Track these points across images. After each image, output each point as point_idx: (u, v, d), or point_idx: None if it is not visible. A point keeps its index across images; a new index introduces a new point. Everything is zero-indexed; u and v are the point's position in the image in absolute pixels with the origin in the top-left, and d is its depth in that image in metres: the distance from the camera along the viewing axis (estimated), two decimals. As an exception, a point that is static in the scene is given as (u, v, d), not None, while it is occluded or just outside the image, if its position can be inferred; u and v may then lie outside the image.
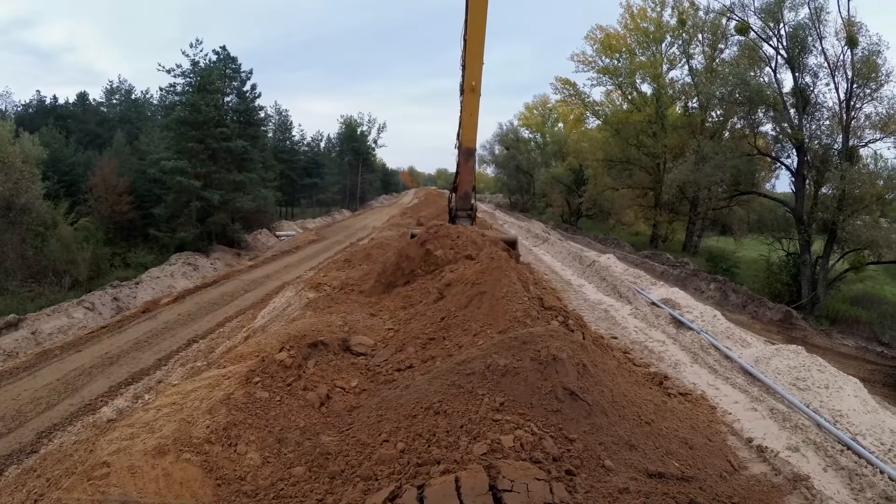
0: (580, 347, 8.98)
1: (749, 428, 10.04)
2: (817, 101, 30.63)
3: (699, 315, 16.55)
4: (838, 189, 28.02)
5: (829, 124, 30.30)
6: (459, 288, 12.99)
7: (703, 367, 13.02)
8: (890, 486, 8.61)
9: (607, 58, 47.44)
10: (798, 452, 9.32)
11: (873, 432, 10.47)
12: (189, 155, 42.94)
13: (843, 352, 22.97)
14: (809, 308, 28.10)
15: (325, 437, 7.59)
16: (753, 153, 32.12)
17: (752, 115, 32.41)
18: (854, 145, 29.46)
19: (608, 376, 9.02)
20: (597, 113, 50.78)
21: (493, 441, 6.77)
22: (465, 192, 14.19)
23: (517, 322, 10.47)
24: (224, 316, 23.33)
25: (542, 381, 7.86)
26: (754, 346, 14.46)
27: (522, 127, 78.90)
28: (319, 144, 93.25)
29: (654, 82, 46.54)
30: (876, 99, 28.84)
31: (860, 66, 28.39)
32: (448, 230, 15.71)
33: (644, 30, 46.61)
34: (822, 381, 11.96)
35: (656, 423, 8.59)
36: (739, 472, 8.57)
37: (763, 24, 31.42)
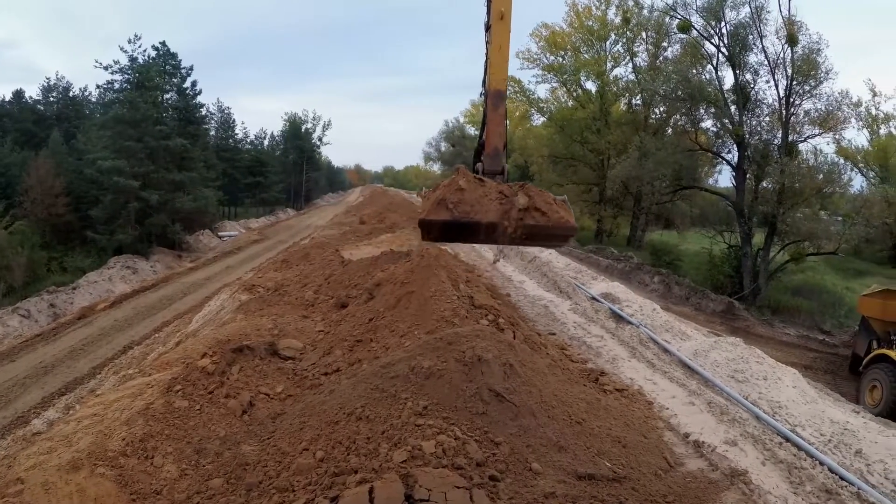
0: (508, 347, 8.69)
1: (686, 423, 9.77)
2: (758, 97, 31.18)
3: (638, 309, 16.35)
4: (778, 183, 28.50)
5: (769, 120, 30.97)
6: (389, 288, 12.64)
7: (640, 362, 12.76)
8: (830, 478, 8.42)
9: (552, 55, 47.43)
10: (736, 446, 9.09)
11: (813, 423, 10.32)
12: (127, 154, 41.56)
13: (785, 340, 23.18)
14: (751, 299, 28.44)
15: (245, 447, 7.35)
16: (695, 149, 32.56)
17: (694, 112, 32.86)
18: (793, 141, 30.05)
19: (538, 376, 8.72)
20: (542, 110, 50.88)
21: (414, 447, 6.56)
22: (495, 147, 10.96)
23: (445, 322, 10.20)
24: (162, 321, 22.61)
25: (467, 383, 7.59)
26: (694, 339, 14.26)
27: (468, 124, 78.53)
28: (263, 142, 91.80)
29: (598, 80, 46.71)
30: (815, 96, 29.48)
31: (800, 64, 28.94)
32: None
33: (589, 28, 46.75)
34: (761, 372, 11.79)
35: (588, 422, 8.32)
36: (675, 468, 8.32)
37: (705, 23, 31.78)
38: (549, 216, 10.29)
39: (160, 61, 48.22)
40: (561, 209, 10.48)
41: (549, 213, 10.33)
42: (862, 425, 10.68)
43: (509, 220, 9.76)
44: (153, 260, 39.96)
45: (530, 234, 10.45)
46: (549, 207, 10.39)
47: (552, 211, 10.37)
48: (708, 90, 31.33)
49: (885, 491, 8.39)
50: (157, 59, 47.95)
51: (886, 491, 8.40)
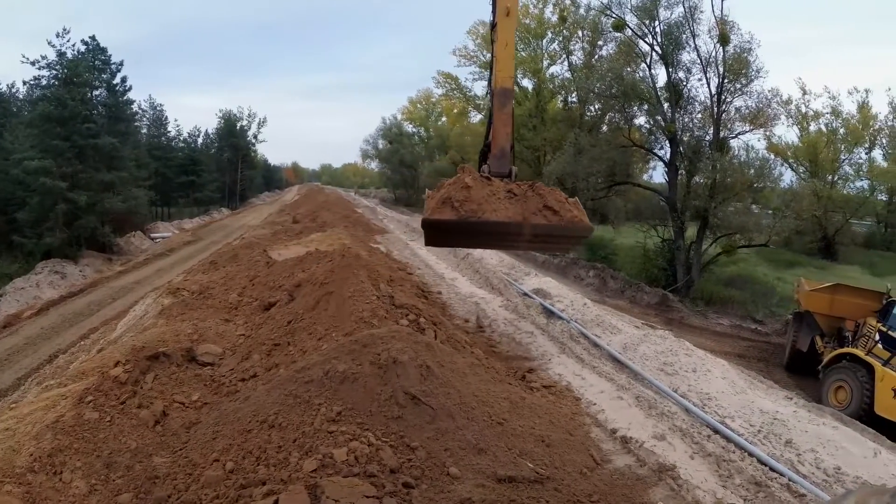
0: (425, 348, 8.40)
1: (614, 418, 9.52)
2: (690, 95, 31.39)
3: (569, 304, 16.14)
4: (709, 178, 28.90)
5: (701, 117, 31.28)
6: (309, 289, 12.24)
7: (570, 357, 12.48)
8: (759, 470, 8.26)
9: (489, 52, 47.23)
10: (664, 441, 8.87)
11: (742, 414, 10.21)
12: (54, 154, 39.42)
13: (718, 331, 23.44)
14: (685, 291, 28.70)
15: (157, 459, 7.01)
16: (628, 145, 32.69)
17: (628, 109, 33.06)
18: (724, 137, 30.40)
19: (457, 376, 8.42)
20: (479, 107, 50.67)
21: (326, 455, 6.34)
22: (502, 148, 10.43)
23: (364, 323, 9.89)
24: (89, 327, 21.44)
25: (382, 387, 7.37)
26: (624, 333, 14.07)
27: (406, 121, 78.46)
28: (197, 141, 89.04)
29: (534, 77, 46.80)
30: (745, 93, 29.87)
31: (731, 63, 29.25)
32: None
33: (526, 26, 46.68)
34: (690, 364, 11.64)
35: (510, 423, 8.07)
36: (602, 466, 8.09)
37: (639, 22, 31.94)
38: (562, 215, 9.71)
39: (89, 56, 46.21)
40: (574, 208, 9.91)
41: (562, 212, 9.75)
42: (792, 414, 10.61)
43: (521, 219, 9.38)
44: (82, 264, 38.20)
45: (543, 234, 9.95)
46: (561, 206, 9.80)
47: (565, 210, 9.80)
48: (641, 88, 31.55)
49: (817, 480, 8.29)
50: (86, 54, 45.93)
51: (818, 480, 8.30)
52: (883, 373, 14.16)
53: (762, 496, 7.71)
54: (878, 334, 15.44)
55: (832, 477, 8.44)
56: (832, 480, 8.36)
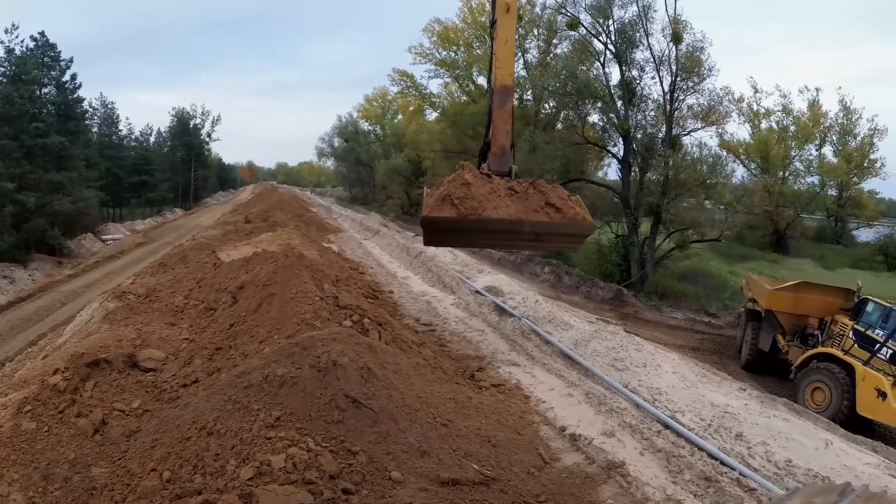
0: (367, 349, 8.20)
1: (563, 415, 9.33)
2: (643, 93, 31.64)
3: (521, 301, 15.98)
4: (662, 175, 29.11)
5: (654, 115, 31.53)
6: (251, 290, 11.85)
7: (520, 355, 12.29)
8: (709, 465, 8.13)
9: (445, 50, 47.24)
10: (614, 437, 8.70)
11: (693, 408, 10.12)
12: (1, 154, 38.15)
13: (672, 324, 23.63)
14: (639, 286, 28.85)
15: (96, 470, 6.76)
16: (582, 143, 32.74)
17: (581, 107, 33.16)
18: (677, 134, 30.72)
19: (400, 378, 8.23)
20: (434, 105, 50.54)
21: (263, 463, 6.17)
22: (502, 146, 10.48)
23: (306, 325, 9.67)
24: (37, 333, 20.58)
25: (322, 390, 7.21)
26: (576, 329, 13.95)
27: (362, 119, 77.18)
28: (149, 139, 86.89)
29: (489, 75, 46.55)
30: (698, 91, 30.24)
31: (684, 61, 29.55)
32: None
33: (482, 24, 46.59)
34: (640, 359, 11.55)
35: (455, 423, 7.92)
36: (551, 465, 7.91)
37: (594, 21, 32.02)
38: (564, 213, 9.55)
39: (38, 53, 44.74)
40: (576, 206, 9.72)
41: (564, 210, 9.58)
42: (743, 407, 10.58)
43: (522, 217, 9.32)
44: (32, 268, 36.87)
45: (545, 232, 9.72)
46: (563, 204, 9.65)
47: (567, 207, 9.63)
48: (595, 86, 31.63)
49: (768, 474, 8.21)
50: (35, 50, 44.46)
51: (769, 474, 8.22)
52: (864, 372, 14.04)
53: (712, 491, 7.58)
54: (853, 333, 15.33)
55: (783, 470, 8.37)
56: (783, 473, 8.28)
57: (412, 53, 47.02)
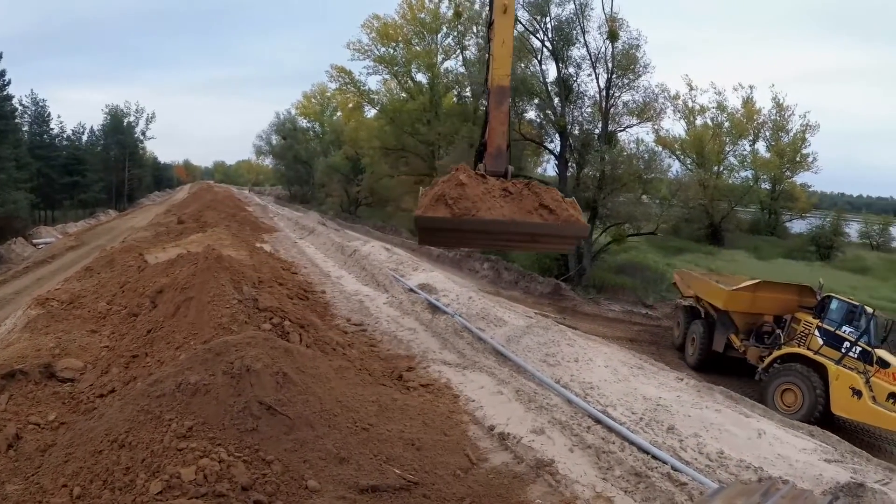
0: (283, 353, 7.86)
1: (493, 414, 9.12)
2: (580, 90, 32.02)
3: (455, 298, 15.74)
4: (598, 170, 29.46)
5: (591, 111, 31.93)
6: (170, 294, 11.39)
7: (452, 353, 12.02)
8: (639, 460, 8.00)
9: (384, 47, 47.06)
10: (543, 435, 8.52)
11: (624, 402, 10.04)
12: (-72, 156, 36.49)
13: (610, 317, 23.74)
14: (577, 279, 29.07)
15: (9, 487, 6.49)
16: (519, 139, 32.63)
17: (518, 104, 33.15)
18: (613, 130, 31.19)
19: (319, 382, 7.93)
20: (373, 101, 50.44)
21: (173, 476, 5.94)
22: (499, 146, 10.32)
23: (223, 329, 9.33)
24: None
25: (236, 398, 6.93)
26: (509, 325, 13.75)
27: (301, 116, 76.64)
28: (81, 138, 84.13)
29: (429, 72, 46.67)
30: (633, 88, 30.73)
31: (620, 59, 30.01)
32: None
33: (421, 20, 46.75)
34: (572, 354, 11.42)
35: (377, 427, 7.67)
36: (478, 466, 7.71)
37: (531, 18, 32.09)
38: (558, 214, 9.46)
39: (-35, 50, 42.90)
40: (570, 207, 9.60)
41: (557, 211, 9.48)
42: (675, 399, 10.55)
43: (516, 218, 9.30)
44: (-41, 276, 35.20)
45: (539, 234, 9.61)
46: (557, 205, 9.56)
47: (561, 209, 9.54)
48: (532, 83, 31.71)
49: (700, 466, 8.14)
50: (-38, 47, 42.60)
51: (701, 466, 8.15)
52: (837, 372, 13.96)
53: (643, 487, 7.45)
54: (819, 331, 15.18)
55: (715, 462, 8.32)
56: (715, 465, 8.23)
57: (351, 49, 46.70)
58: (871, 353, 14.12)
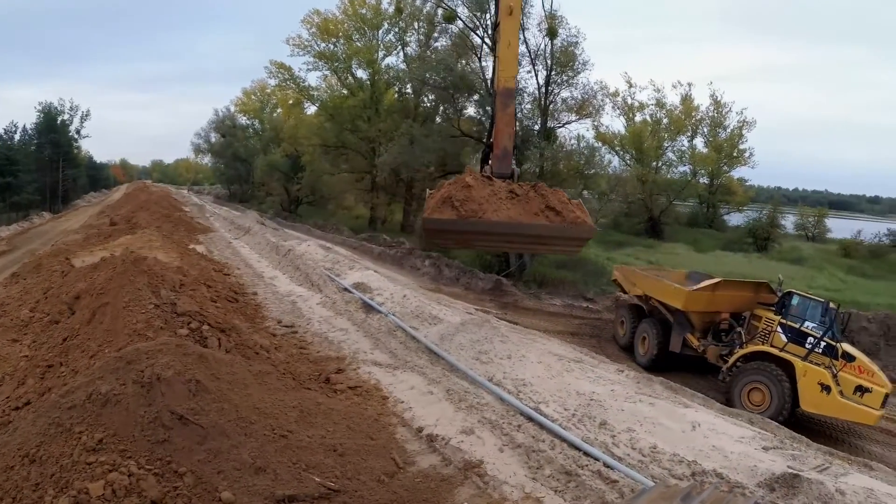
0: (197, 360, 7.54)
1: (422, 415, 8.91)
2: (519, 86, 31.53)
3: (390, 296, 15.45)
4: (537, 166, 29.41)
5: (531, 108, 31.83)
6: (87, 300, 11.01)
7: (384, 353, 11.76)
8: (570, 458, 7.87)
9: (324, 42, 46.26)
10: (473, 435, 8.36)
11: (557, 398, 9.92)
12: None
13: (552, 311, 23.68)
14: (518, 275, 28.88)
15: None
16: (458, 135, 32.75)
17: (458, 100, 33.11)
18: (552, 127, 31.35)
19: (235, 389, 7.60)
20: (312, 98, 49.56)
21: (80, 491, 5.65)
22: (505, 148, 10.51)
23: (139, 336, 8.94)
24: None
25: (147, 408, 6.63)
26: (445, 322, 13.51)
27: (240, 113, 74.71)
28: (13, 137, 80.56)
29: (369, 68, 46.18)
30: (572, 85, 30.92)
31: (559, 56, 30.12)
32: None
33: (362, 16, 46.05)
34: (505, 351, 11.28)
35: (297, 434, 7.38)
36: (405, 470, 7.50)
37: (471, 14, 32.00)
38: (564, 216, 9.31)
39: None
40: (577, 209, 9.43)
41: (564, 213, 9.34)
42: (609, 393, 10.50)
43: (523, 220, 9.29)
44: None
45: (545, 235, 9.44)
46: (564, 207, 9.42)
47: (567, 210, 9.40)
48: (471, 79, 31.62)
49: (633, 462, 8.08)
50: None
51: (633, 462, 8.10)
52: (804, 368, 13.87)
53: (573, 486, 7.34)
54: (781, 328, 15.05)
55: (648, 457, 8.28)
56: (648, 461, 8.18)
57: (290, 45, 45.78)
58: (835, 348, 14.12)
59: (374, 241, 35.07)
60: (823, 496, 7.21)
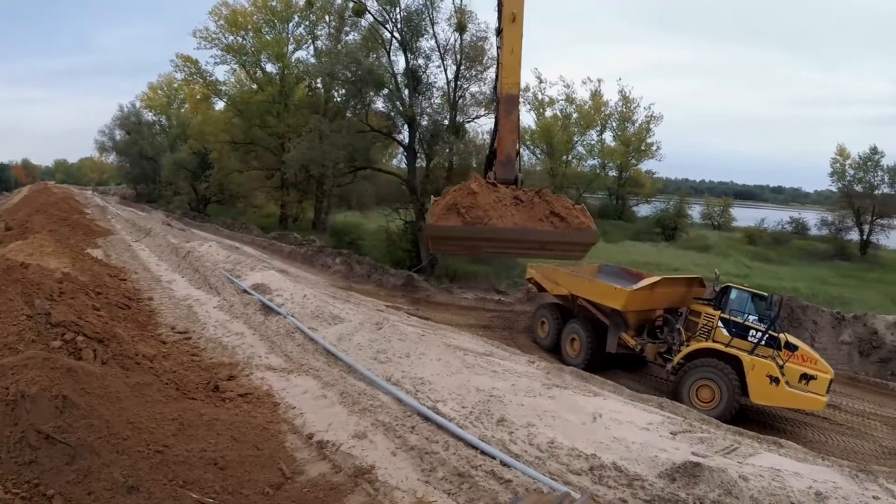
0: (65, 375, 7.03)
1: (314, 420, 8.63)
2: (429, 81, 31.89)
3: (290, 297, 15.03)
4: (446, 161, 29.84)
5: (440, 102, 31.90)
6: None
7: (279, 357, 11.39)
8: (463, 459, 7.74)
9: (232, 35, 44.93)
10: (365, 439, 8.15)
11: (456, 396, 9.79)
12: None
13: (464, 305, 23.82)
14: (430, 270, 29.03)
15: None
16: (366, 130, 32.43)
17: (366, 95, 32.83)
18: (462, 121, 31.37)
19: (108, 403, 7.17)
20: (220, 93, 48.27)
21: None
22: (508, 155, 10.29)
23: (9, 350, 8.27)
24: None
25: (12, 427, 6.24)
26: (345, 322, 13.20)
27: (146, 109, 71.29)
28: None
29: (279, 62, 45.23)
30: (481, 80, 30.87)
31: (468, 50, 30.17)
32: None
33: (272, 8, 45.03)
34: (404, 349, 11.11)
35: (175, 448, 7.00)
36: (293, 480, 7.20)
37: (381, 8, 31.66)
38: (569, 222, 9.26)
39: None
40: (581, 214, 9.25)
41: (569, 219, 9.18)
42: (510, 388, 10.46)
43: (528, 225, 9.26)
44: None
45: (550, 241, 9.42)
46: (568, 212, 9.21)
47: (572, 216, 9.22)
48: (380, 73, 31.36)
49: (530, 459, 7.98)
50: None
51: (531, 459, 7.99)
52: (752, 362, 14.01)
53: (466, 487, 7.21)
54: (722, 322, 15.14)
55: (546, 452, 8.18)
56: (546, 456, 8.09)
57: (197, 38, 44.23)
58: (778, 339, 14.39)
59: (285, 239, 34.49)
60: (725, 483, 7.25)
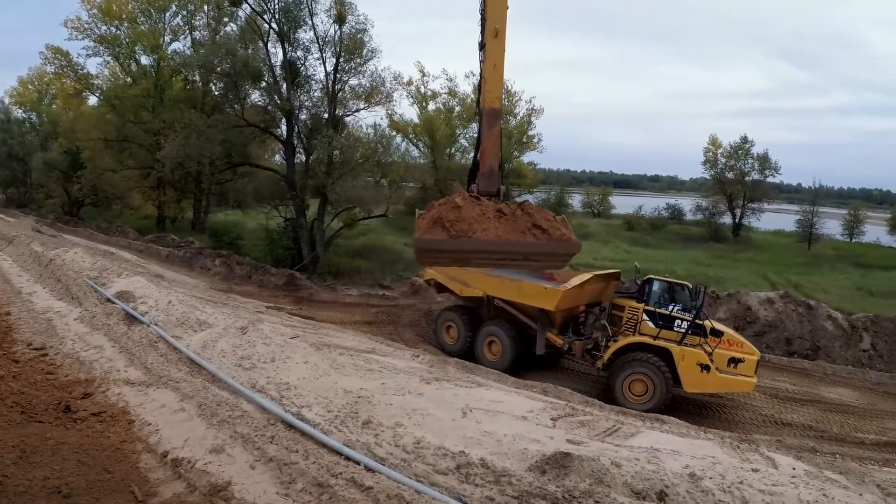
0: None
1: (170, 437, 8.36)
2: (308, 73, 31.80)
3: (154, 304, 14.49)
4: (325, 155, 29.51)
5: (319, 96, 31.71)
6: None
7: (138, 369, 10.94)
8: (323, 469, 7.61)
9: (106, 25, 42.35)
10: (223, 453, 7.94)
11: (322, 400, 9.69)
12: None
13: (348, 301, 23.72)
14: (312, 267, 28.90)
15: None
16: (242, 125, 31.62)
17: (241, 88, 32.14)
18: (341, 115, 31.40)
19: None
20: (92, 87, 45.31)
21: None
22: (491, 167, 10.35)
23: None
24: None
25: None
26: (212, 328, 12.84)
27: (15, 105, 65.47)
28: None
29: (154, 53, 43.19)
30: (360, 73, 31.05)
31: (347, 43, 30.14)
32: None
33: (149, -3, 42.95)
34: (268, 354, 11.01)
35: (15, 478, 6.70)
36: (145, 503, 6.91)
37: (258, 0, 30.94)
38: (550, 234, 9.20)
39: None
40: (562, 226, 9.30)
41: (550, 231, 9.19)
42: (378, 388, 10.46)
43: (511, 238, 9.28)
44: None
45: (533, 253, 9.30)
46: (550, 225, 9.20)
47: (553, 228, 9.21)
48: (256, 66, 30.67)
49: (395, 461, 7.97)
50: None
51: (396, 461, 7.98)
52: (682, 352, 14.22)
53: (326, 498, 7.08)
54: (647, 315, 15.23)
55: (412, 454, 8.18)
56: (412, 458, 8.08)
57: (69, 28, 41.53)
58: (703, 326, 14.75)
59: (162, 242, 33.14)
60: (596, 472, 7.39)
